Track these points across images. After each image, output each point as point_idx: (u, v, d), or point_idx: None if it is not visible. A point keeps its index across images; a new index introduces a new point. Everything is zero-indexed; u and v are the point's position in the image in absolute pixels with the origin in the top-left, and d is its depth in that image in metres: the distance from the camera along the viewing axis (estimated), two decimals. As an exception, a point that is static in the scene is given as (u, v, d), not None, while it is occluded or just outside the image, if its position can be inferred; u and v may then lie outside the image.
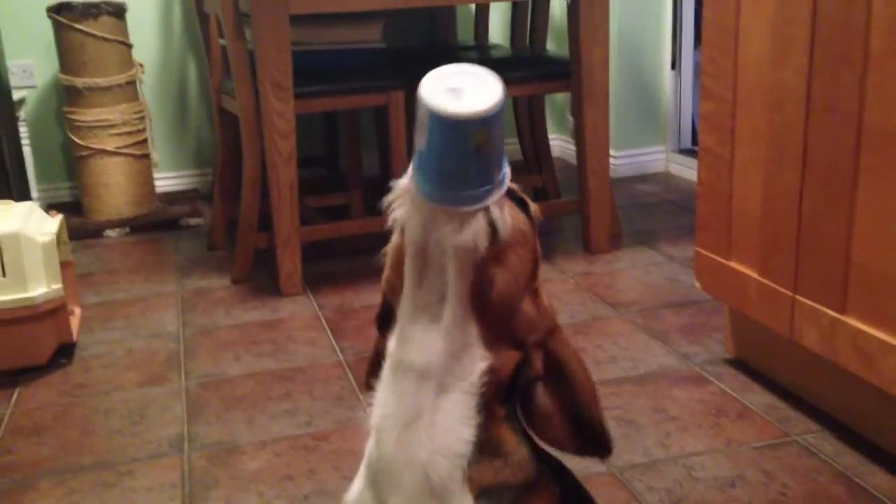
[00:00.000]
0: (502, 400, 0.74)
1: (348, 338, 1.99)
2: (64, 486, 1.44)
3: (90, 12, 2.78)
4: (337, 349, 1.93)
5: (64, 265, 2.03)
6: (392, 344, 0.75)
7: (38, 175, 3.15)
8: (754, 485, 1.37)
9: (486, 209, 0.68)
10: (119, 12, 2.85)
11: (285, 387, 1.77)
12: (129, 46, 2.91)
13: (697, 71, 3.11)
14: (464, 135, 0.64)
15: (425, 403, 0.71)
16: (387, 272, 0.78)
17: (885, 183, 1.25)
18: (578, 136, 2.43)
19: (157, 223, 2.92)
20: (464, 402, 0.71)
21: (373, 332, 2.00)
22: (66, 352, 1.94)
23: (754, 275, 1.57)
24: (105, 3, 2.79)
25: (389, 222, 0.72)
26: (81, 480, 1.46)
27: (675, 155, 3.29)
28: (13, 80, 3.00)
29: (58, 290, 1.84)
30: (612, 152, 3.30)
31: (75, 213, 2.97)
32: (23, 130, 2.97)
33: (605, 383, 1.72)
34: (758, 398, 1.63)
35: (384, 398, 0.75)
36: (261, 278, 2.38)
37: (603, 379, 1.74)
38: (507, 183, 0.70)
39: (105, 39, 2.81)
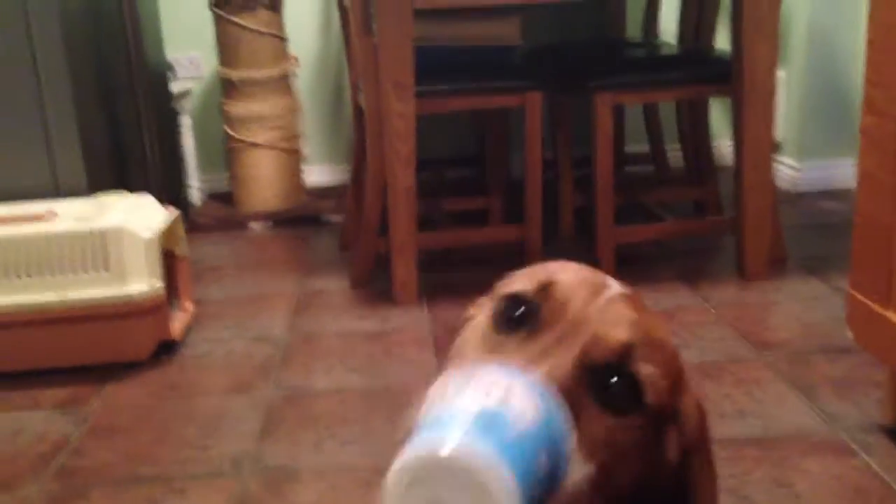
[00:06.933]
0: None
1: (451, 358, 1.84)
2: (115, 498, 1.40)
3: (248, 5, 2.79)
4: (438, 370, 1.79)
5: (179, 260, 2.02)
6: None
7: (201, 165, 3.23)
8: None
9: None
10: (275, 6, 2.85)
11: (366, 407, 1.65)
12: (284, 40, 2.91)
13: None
14: None
15: None
16: None
17: None
18: (737, 146, 2.13)
19: (299, 218, 2.91)
20: None
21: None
22: (169, 349, 1.92)
23: (913, 332, 1.26)
24: (262, -3, 2.80)
25: None
26: (133, 494, 1.41)
27: (871, 168, 2.86)
28: (181, 72, 3.10)
29: (158, 288, 1.82)
30: (793, 163, 2.93)
31: (230, 203, 3.02)
32: (187, 121, 3.06)
33: (724, 443, 1.46)
34: (911, 483, 1.32)
35: None
36: (381, 284, 2.28)
37: (722, 436, 1.48)
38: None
39: (260, 33, 2.82)
